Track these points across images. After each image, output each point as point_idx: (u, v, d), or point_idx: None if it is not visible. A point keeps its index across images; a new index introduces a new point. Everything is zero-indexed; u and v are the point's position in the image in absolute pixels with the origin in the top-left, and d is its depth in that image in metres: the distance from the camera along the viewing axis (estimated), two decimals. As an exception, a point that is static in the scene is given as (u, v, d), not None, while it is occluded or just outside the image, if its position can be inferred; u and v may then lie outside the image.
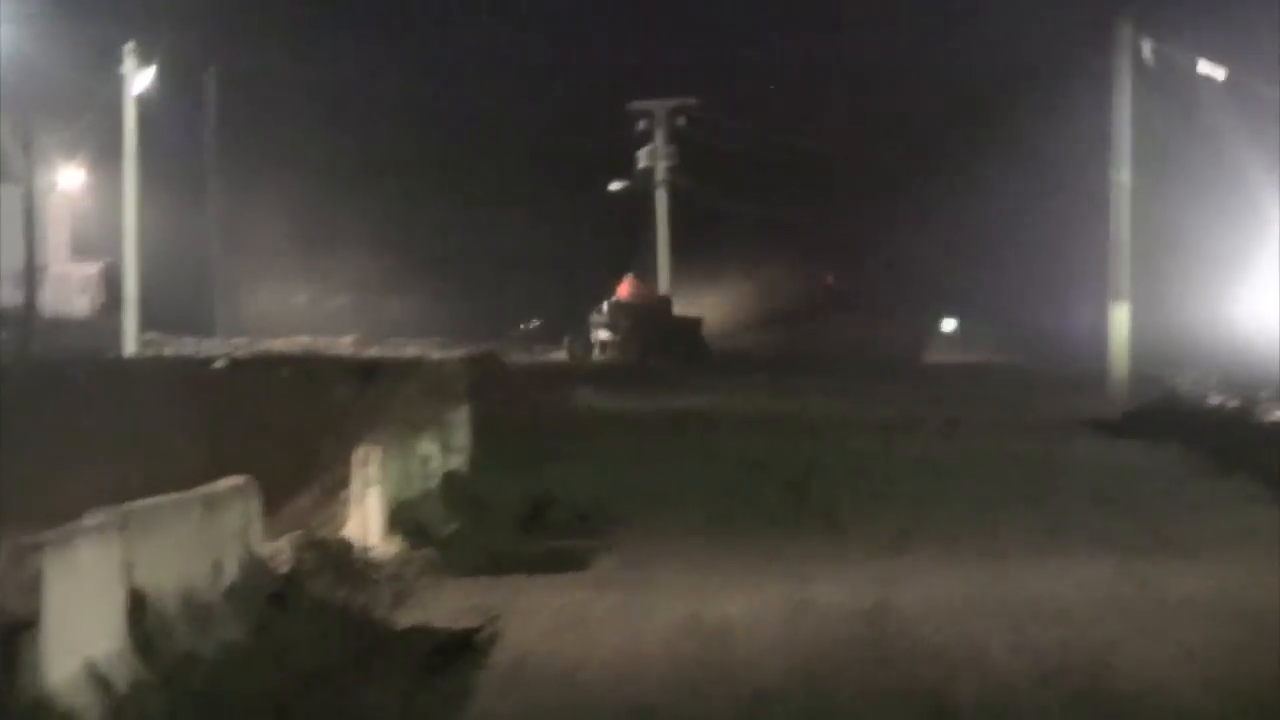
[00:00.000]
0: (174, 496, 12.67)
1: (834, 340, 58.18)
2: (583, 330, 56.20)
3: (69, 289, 53.39)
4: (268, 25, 62.29)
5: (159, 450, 25.01)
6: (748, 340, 61.00)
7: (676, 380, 43.82)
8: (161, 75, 47.94)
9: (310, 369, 33.31)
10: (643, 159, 62.97)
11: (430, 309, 61.58)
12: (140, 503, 11.70)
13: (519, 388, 34.64)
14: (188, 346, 49.53)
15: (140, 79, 47.38)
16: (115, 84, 47.54)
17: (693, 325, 57.70)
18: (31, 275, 47.77)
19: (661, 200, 62.88)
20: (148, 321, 48.50)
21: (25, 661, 9.43)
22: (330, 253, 64.39)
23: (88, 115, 49.61)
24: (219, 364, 35.20)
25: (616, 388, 39.63)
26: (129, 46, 47.30)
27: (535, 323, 63.72)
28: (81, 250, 55.66)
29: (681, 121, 62.11)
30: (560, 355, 54.72)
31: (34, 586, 9.45)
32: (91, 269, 54.64)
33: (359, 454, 17.57)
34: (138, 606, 10.84)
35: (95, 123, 49.78)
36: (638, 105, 62.99)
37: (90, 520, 10.48)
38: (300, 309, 62.15)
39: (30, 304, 47.68)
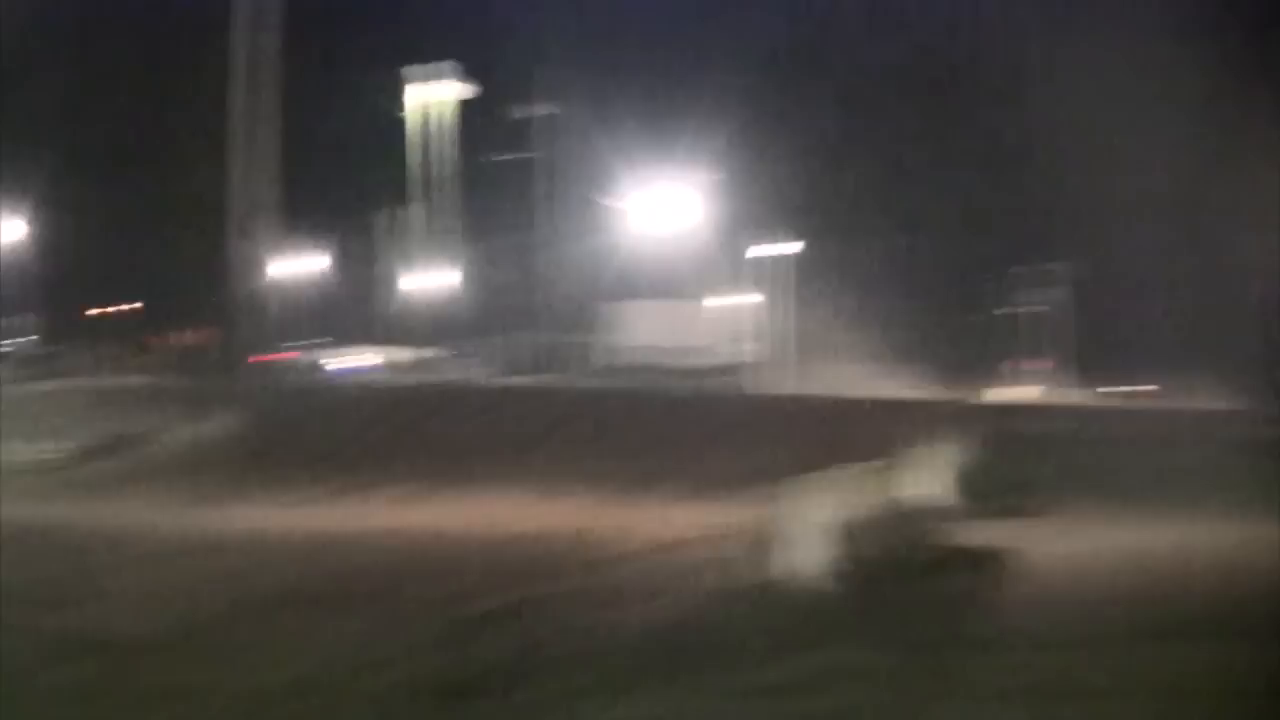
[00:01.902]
0: (849, 467, 22.26)
1: None
2: None
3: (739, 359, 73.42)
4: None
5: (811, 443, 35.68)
6: None
7: None
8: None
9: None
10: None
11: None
12: (834, 470, 21.31)
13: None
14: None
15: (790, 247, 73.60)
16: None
17: None
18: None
19: None
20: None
21: (783, 559, 18.08)
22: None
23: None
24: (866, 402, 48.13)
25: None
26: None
27: None
28: (748, 338, 76.30)
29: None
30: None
31: (792, 516, 18.22)
32: (753, 349, 76.21)
33: (924, 449, 28.63)
34: (836, 529, 18.89)
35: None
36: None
37: (815, 479, 19.49)
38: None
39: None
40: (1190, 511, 27.23)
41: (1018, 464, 32.65)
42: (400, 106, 57.60)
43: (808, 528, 17.32)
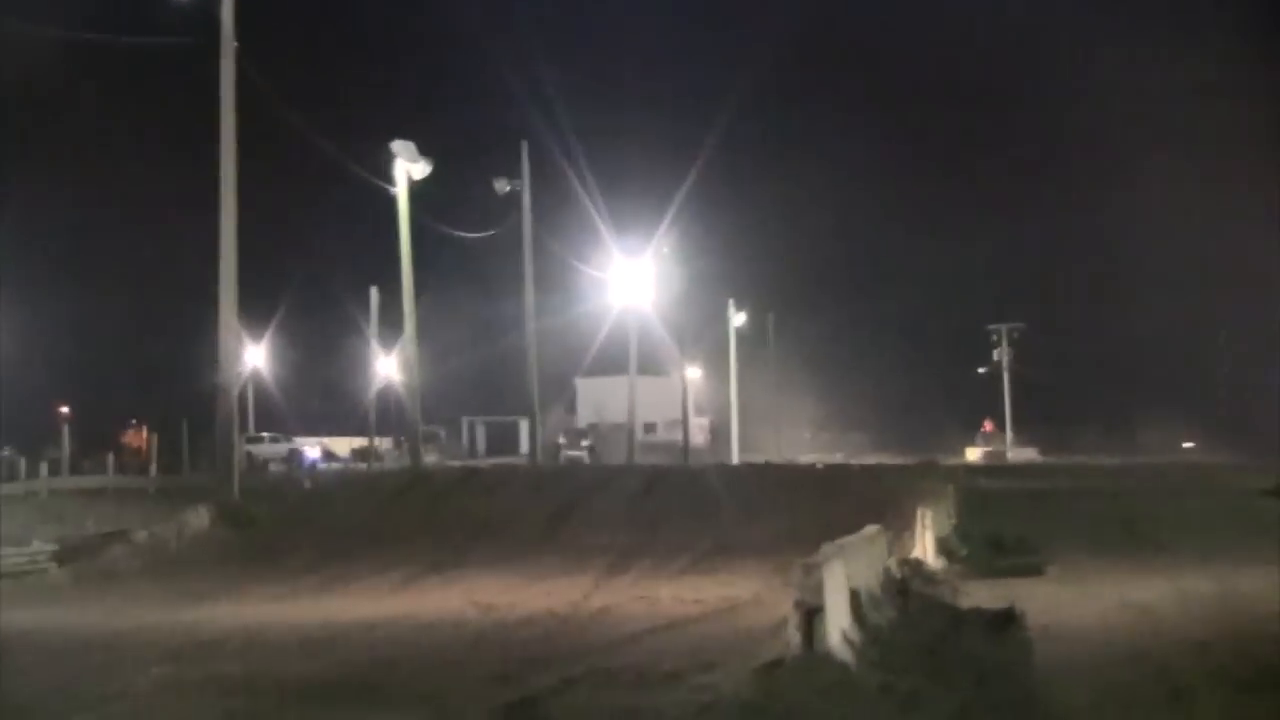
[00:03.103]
0: (856, 535, 21.31)
1: None
2: None
3: (697, 431, 79.70)
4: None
5: (801, 510, 35.47)
6: None
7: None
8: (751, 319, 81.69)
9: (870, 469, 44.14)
10: None
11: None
12: (843, 539, 20.08)
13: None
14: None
15: (736, 320, 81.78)
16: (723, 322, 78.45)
17: None
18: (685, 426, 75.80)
19: None
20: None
21: (816, 632, 15.81)
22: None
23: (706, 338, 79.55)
24: (818, 465, 48.06)
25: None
26: (730, 302, 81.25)
27: None
28: (700, 410, 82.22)
29: None
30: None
31: (817, 587, 16.06)
32: (705, 420, 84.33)
33: (920, 512, 28.50)
34: (853, 597, 17.77)
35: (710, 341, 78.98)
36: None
37: (829, 549, 18.01)
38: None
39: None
40: (1181, 563, 27.22)
41: (1010, 522, 32.59)
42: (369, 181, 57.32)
43: (822, 596, 16.73)
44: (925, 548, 27.96)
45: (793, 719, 14.38)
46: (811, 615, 16.24)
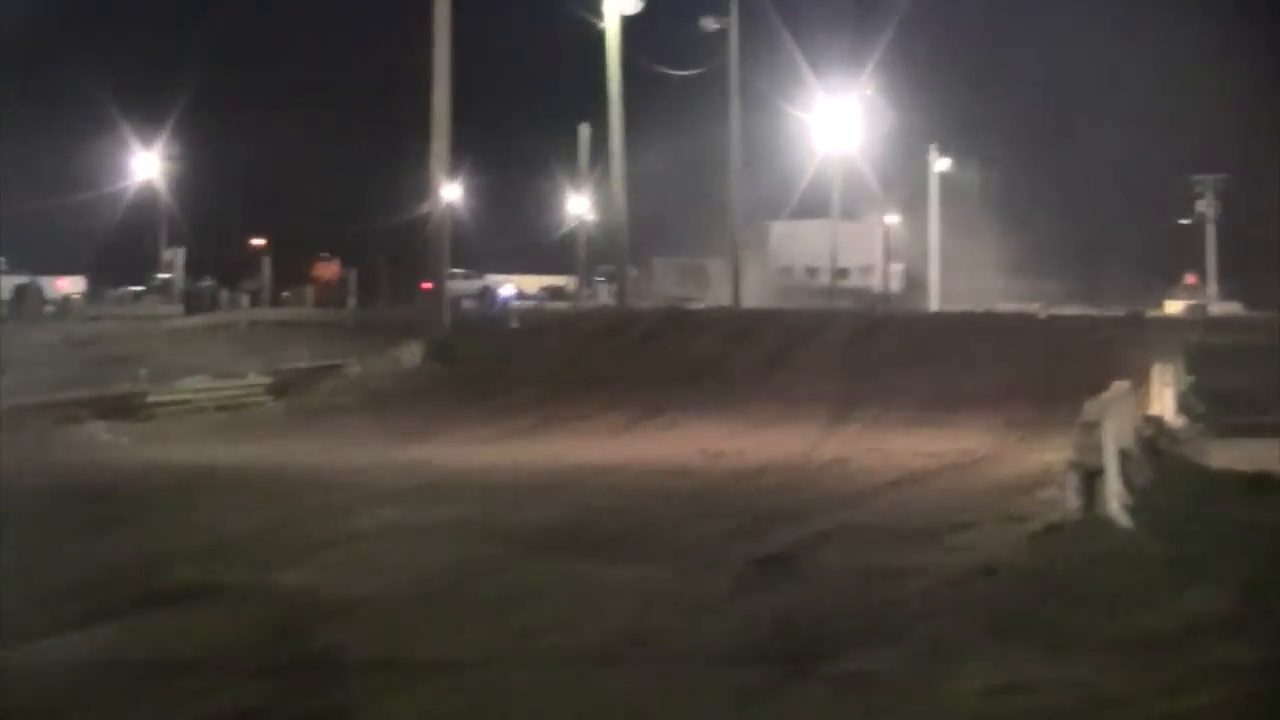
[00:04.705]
0: (1111, 392, 19.37)
1: None
2: None
3: (889, 279, 77.92)
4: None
5: (1019, 360, 34.01)
6: None
7: None
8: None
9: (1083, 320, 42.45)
10: None
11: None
12: (1104, 396, 18.30)
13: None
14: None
15: (939, 165, 77.29)
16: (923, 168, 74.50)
17: None
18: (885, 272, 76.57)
19: None
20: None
21: (1096, 495, 14.98)
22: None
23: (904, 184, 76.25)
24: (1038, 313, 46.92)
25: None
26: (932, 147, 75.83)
27: None
28: (895, 256, 79.42)
29: None
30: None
31: (1096, 448, 15.06)
32: (900, 267, 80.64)
33: (1157, 367, 26.79)
34: (1121, 455, 16.56)
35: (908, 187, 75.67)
36: None
37: (1094, 406, 16.45)
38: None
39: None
40: None
41: (1234, 378, 30.72)
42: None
43: (1101, 457, 15.49)
44: (1164, 405, 26.30)
45: (1078, 588, 13.12)
46: (1091, 477, 15.17)
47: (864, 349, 36.95)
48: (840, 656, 10.96)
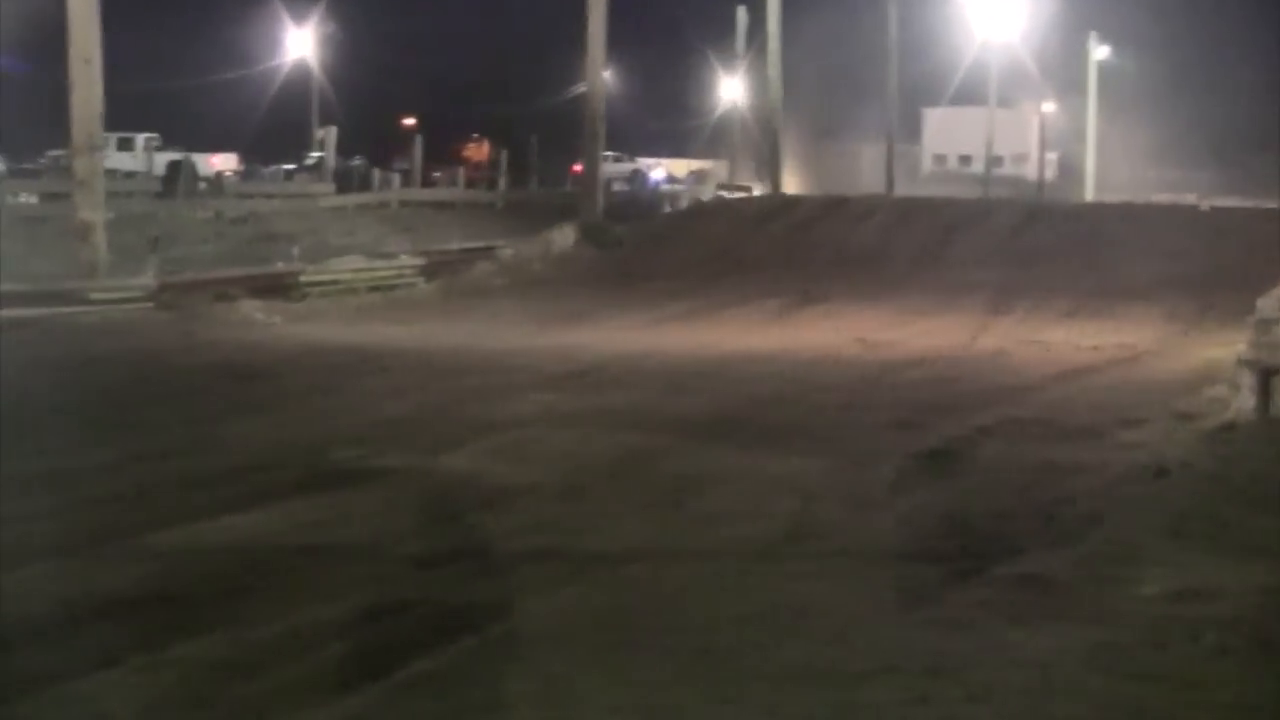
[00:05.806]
0: None
1: None
2: None
3: (1044, 168, 77.03)
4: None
5: (1183, 252, 33.01)
6: None
7: None
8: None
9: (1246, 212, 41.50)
10: None
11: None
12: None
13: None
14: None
15: (1098, 53, 73.99)
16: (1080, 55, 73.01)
17: None
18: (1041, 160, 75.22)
19: None
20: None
21: (1274, 395, 14.49)
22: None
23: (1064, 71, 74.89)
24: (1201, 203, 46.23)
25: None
26: (1092, 34, 73.20)
27: None
28: (1049, 145, 78.43)
29: None
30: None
31: (1275, 346, 14.42)
32: (1054, 155, 79.96)
33: None
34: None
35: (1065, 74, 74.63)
36: None
37: (1269, 303, 15.31)
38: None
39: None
40: None
41: None
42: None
43: (1267, 351, 14.86)
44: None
45: (1257, 490, 12.63)
46: (1269, 376, 14.67)
47: (1021, 239, 36.15)
48: (1014, 557, 10.58)
